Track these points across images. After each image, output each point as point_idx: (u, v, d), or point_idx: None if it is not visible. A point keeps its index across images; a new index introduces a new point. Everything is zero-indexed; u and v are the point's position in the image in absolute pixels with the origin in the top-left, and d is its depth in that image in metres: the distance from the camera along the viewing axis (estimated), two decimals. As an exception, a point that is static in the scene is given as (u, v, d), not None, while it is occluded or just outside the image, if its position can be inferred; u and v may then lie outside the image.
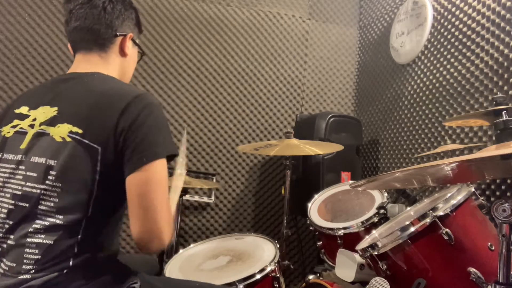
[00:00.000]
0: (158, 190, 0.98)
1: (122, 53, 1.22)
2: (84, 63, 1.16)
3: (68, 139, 0.98)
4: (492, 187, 1.76)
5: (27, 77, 2.41)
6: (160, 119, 1.04)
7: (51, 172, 0.97)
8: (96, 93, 1.05)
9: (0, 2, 2.37)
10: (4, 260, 0.95)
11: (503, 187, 1.72)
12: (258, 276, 1.40)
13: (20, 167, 0.99)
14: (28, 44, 2.42)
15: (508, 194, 1.69)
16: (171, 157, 1.05)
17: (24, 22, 2.41)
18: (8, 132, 1.05)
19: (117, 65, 1.21)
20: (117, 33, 1.19)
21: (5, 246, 0.96)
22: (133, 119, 0.99)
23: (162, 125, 1.05)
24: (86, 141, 0.98)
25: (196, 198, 2.59)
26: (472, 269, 1.13)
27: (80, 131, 0.98)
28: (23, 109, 1.07)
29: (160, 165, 0.99)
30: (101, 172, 0.98)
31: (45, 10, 2.45)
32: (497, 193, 1.74)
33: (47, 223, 0.95)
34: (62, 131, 0.99)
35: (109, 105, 1.01)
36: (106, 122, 0.99)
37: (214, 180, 2.67)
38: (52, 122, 1.01)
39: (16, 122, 1.05)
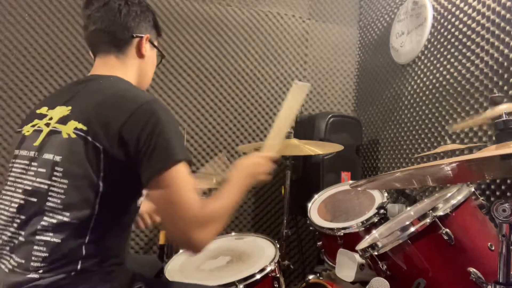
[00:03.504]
0: (180, 193, 0.97)
1: (140, 54, 1.22)
2: (103, 66, 1.18)
3: (73, 136, 0.99)
4: (492, 187, 1.76)
5: (27, 77, 2.41)
6: (169, 125, 1.02)
7: (57, 168, 0.98)
8: (104, 93, 1.06)
9: (0, 2, 2.37)
10: (14, 256, 0.96)
11: (503, 187, 1.72)
12: (258, 276, 1.40)
13: (33, 163, 1.01)
14: (28, 44, 2.42)
15: (508, 194, 1.69)
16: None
17: (24, 22, 2.41)
18: (28, 131, 1.08)
19: (135, 67, 1.22)
20: (134, 34, 1.20)
21: (16, 242, 0.97)
22: (141, 128, 0.98)
23: (173, 131, 1.02)
24: (89, 138, 0.98)
25: (196, 198, 2.59)
26: (472, 269, 1.13)
27: (84, 128, 0.99)
28: (43, 110, 1.10)
29: (178, 169, 0.98)
30: (106, 170, 0.98)
31: (45, 10, 2.45)
32: (497, 193, 1.74)
33: (54, 221, 0.95)
34: (69, 128, 1.01)
35: (115, 107, 1.02)
36: (110, 124, 0.99)
37: (214, 180, 2.67)
38: (64, 120, 1.03)
39: (35, 121, 1.08)
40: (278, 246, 1.59)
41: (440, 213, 1.19)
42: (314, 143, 2.03)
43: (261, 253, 1.58)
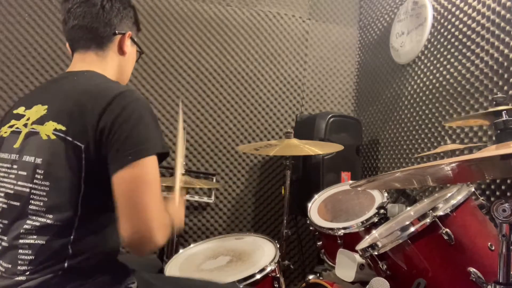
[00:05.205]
0: (147, 188, 0.94)
1: (121, 51, 1.21)
2: (81, 62, 1.15)
3: (53, 137, 0.97)
4: (492, 187, 1.76)
5: (27, 77, 2.41)
6: (145, 115, 0.99)
7: (38, 171, 0.96)
8: (80, 90, 1.03)
9: (0, 2, 2.37)
10: (1, 261, 0.95)
11: (503, 187, 1.72)
12: (258, 276, 1.40)
13: (14, 166, 0.99)
14: (28, 44, 2.42)
15: (508, 194, 1.69)
16: (163, 156, 1.02)
17: (24, 22, 2.41)
18: (5, 132, 1.05)
19: (115, 63, 1.20)
20: (116, 31, 1.18)
21: (0, 247, 0.96)
22: (115, 117, 0.96)
23: (149, 121, 0.99)
24: (70, 139, 0.96)
25: (196, 198, 2.59)
26: (472, 269, 1.13)
27: (63, 128, 0.97)
28: (20, 110, 1.07)
29: (148, 163, 0.95)
30: (87, 170, 0.96)
31: (45, 10, 2.45)
32: (497, 193, 1.74)
33: (37, 224, 0.94)
34: (47, 129, 0.98)
35: (91, 102, 0.99)
36: (88, 120, 0.97)
37: (214, 180, 2.67)
38: (41, 120, 1.01)
39: (13, 122, 1.06)
40: (278, 246, 1.59)
41: (440, 213, 1.19)
42: (314, 143, 2.03)
43: (261, 253, 1.58)
